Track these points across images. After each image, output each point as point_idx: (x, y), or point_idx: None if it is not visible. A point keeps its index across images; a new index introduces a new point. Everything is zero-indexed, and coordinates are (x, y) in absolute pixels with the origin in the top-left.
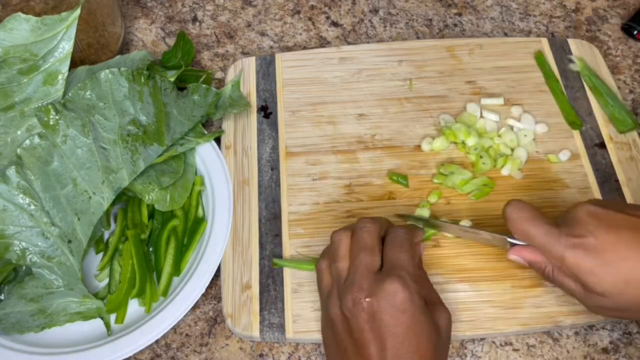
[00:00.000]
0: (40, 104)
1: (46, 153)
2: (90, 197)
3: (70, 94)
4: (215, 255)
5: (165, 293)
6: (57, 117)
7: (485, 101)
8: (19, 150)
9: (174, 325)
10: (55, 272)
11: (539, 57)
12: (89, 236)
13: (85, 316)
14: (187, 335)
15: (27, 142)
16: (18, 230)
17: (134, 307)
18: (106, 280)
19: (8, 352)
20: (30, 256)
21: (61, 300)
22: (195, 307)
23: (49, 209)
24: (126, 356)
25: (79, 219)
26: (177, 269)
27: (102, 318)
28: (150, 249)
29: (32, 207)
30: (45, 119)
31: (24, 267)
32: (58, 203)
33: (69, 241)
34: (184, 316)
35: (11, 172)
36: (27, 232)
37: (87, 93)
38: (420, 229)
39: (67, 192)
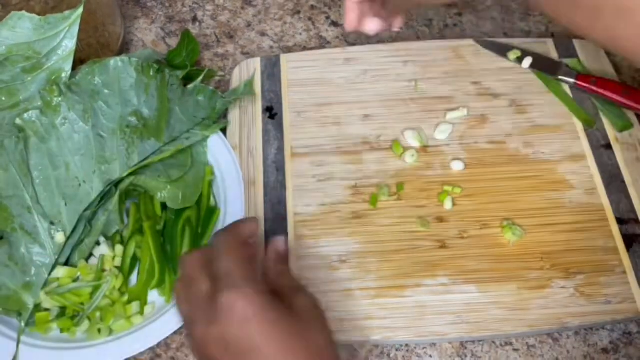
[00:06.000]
0: None
1: (44, 130)
2: (80, 185)
3: (77, 77)
4: None
5: None
6: (59, 99)
7: (451, 115)
8: (18, 121)
9: None
10: (31, 251)
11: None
12: (74, 224)
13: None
14: (187, 335)
15: (27, 115)
16: (11, 194)
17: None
18: None
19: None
20: (12, 225)
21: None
22: None
23: (36, 186)
24: (148, 346)
25: (66, 204)
26: None
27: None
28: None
29: (23, 177)
30: (49, 98)
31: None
32: (48, 183)
33: (52, 223)
34: None
35: (20, 136)
36: (16, 200)
37: (94, 78)
38: (252, 219)
39: (58, 174)
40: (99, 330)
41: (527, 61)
